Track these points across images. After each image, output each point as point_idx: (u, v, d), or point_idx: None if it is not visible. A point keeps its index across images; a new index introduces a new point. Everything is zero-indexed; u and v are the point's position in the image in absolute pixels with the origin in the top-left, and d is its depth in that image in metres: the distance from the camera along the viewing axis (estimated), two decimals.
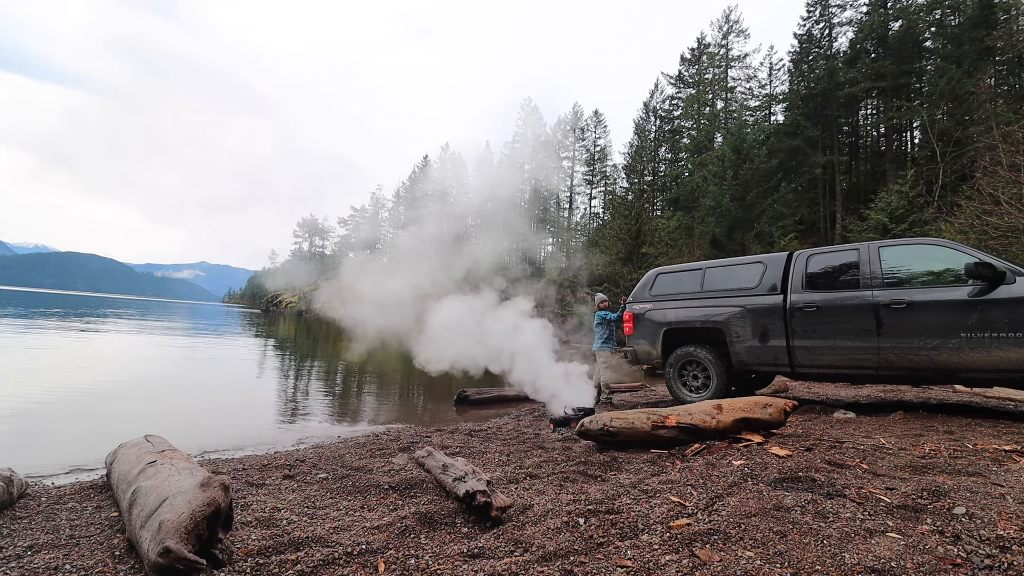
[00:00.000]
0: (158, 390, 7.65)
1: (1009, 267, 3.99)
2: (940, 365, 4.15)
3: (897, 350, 4.31)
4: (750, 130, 29.57)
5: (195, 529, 1.72)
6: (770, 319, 5.01)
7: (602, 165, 52.00)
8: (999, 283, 3.94)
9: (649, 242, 30.66)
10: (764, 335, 5.03)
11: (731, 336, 5.23)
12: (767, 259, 5.36)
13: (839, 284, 4.75)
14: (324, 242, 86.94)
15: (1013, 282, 3.90)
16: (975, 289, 4.02)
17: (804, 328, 4.79)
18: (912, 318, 4.25)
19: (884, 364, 4.41)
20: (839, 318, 4.62)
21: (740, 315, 5.20)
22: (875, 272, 4.54)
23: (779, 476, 2.43)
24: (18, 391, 6.51)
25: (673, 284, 5.96)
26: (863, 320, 4.48)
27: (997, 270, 3.94)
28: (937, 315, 4.15)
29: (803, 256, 5.11)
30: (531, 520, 2.17)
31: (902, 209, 19.54)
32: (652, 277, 6.22)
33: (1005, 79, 25.70)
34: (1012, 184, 12.38)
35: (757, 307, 5.11)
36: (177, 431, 4.65)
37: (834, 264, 4.87)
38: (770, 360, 5.03)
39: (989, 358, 3.92)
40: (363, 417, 6.40)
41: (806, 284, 4.92)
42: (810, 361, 4.80)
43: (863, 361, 4.51)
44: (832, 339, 4.65)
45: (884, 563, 1.50)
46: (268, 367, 11.69)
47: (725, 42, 38.75)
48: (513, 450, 3.91)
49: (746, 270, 5.43)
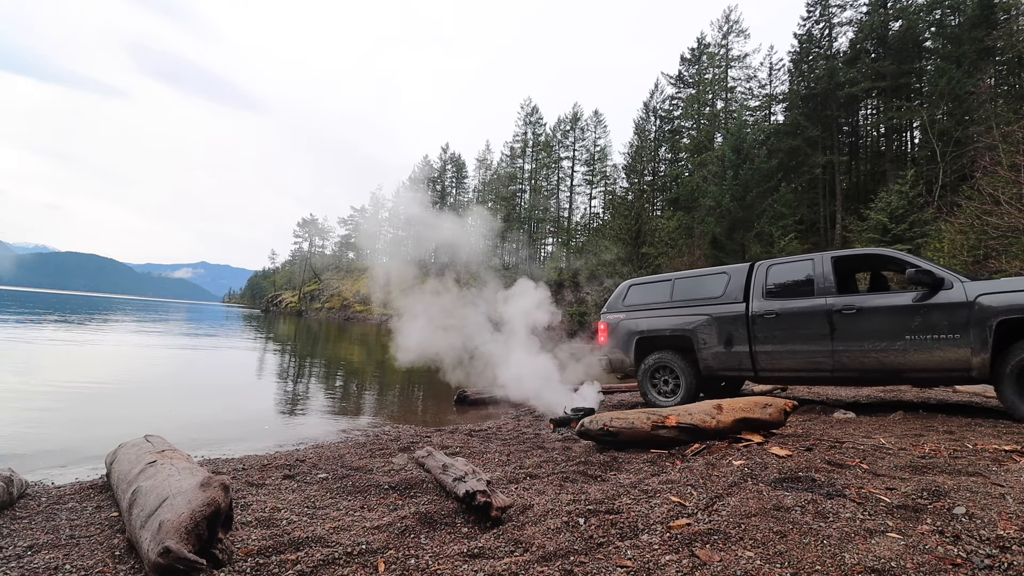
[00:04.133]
0: (158, 390, 7.64)
1: (948, 274, 4.26)
2: (888, 366, 4.40)
3: (849, 353, 4.56)
4: (750, 130, 29.58)
5: (195, 529, 1.72)
6: (734, 326, 5.27)
7: (602, 165, 51.99)
8: (938, 289, 4.21)
9: (649, 242, 30.67)
10: (729, 341, 5.29)
11: (699, 343, 5.48)
12: (731, 270, 5.62)
13: (796, 292, 5.03)
14: (324, 242, 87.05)
15: (951, 287, 4.17)
16: (917, 295, 4.30)
17: (765, 334, 5.07)
18: (862, 323, 4.52)
19: (838, 366, 4.66)
20: (796, 324, 4.90)
21: (707, 323, 5.46)
22: (828, 280, 4.82)
23: (779, 476, 2.43)
24: (18, 391, 6.51)
25: (644, 295, 6.22)
26: (818, 325, 4.75)
27: (936, 277, 4.22)
28: (884, 319, 4.42)
29: (763, 266, 5.36)
30: (531, 520, 2.17)
31: (902, 209, 19.54)
32: (625, 288, 6.48)
33: (1005, 79, 25.70)
34: (1012, 184, 12.38)
35: (722, 315, 5.37)
36: (177, 431, 4.65)
37: (791, 274, 5.16)
38: (735, 365, 5.28)
39: (931, 358, 4.19)
40: (363, 417, 6.40)
41: (766, 293, 5.19)
42: (771, 365, 5.06)
43: (819, 364, 4.76)
44: (791, 344, 4.92)
45: (884, 563, 1.50)
46: (268, 367, 11.69)
47: (725, 42, 38.75)
48: (513, 450, 3.91)
49: (712, 280, 5.69)
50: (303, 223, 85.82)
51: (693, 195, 32.30)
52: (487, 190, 61.04)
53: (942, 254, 14.97)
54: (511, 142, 58.33)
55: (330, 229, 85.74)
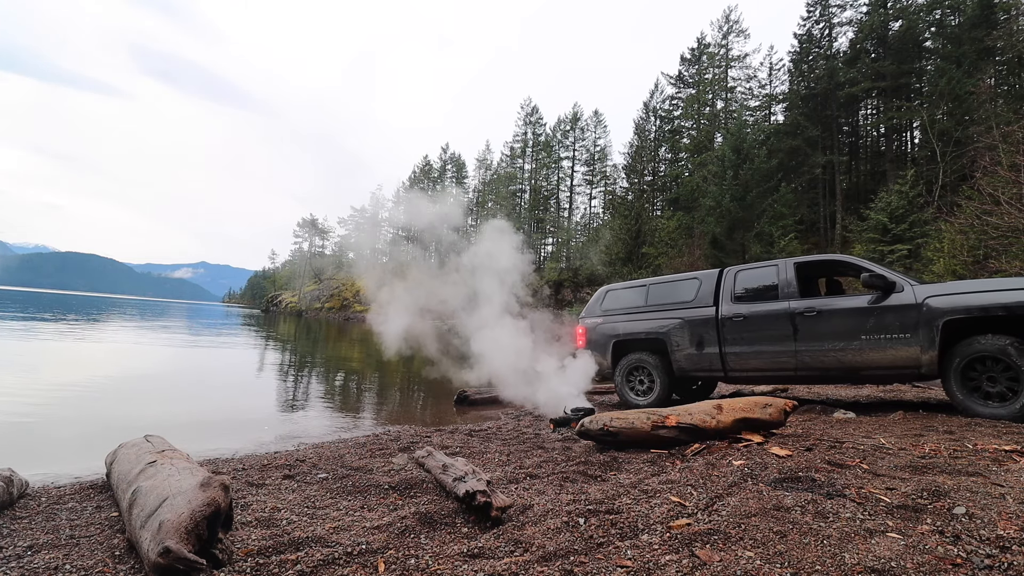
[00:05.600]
0: (158, 390, 7.64)
1: (899, 278, 4.53)
2: (846, 364, 4.66)
3: (811, 353, 4.83)
4: (750, 130, 29.58)
5: (195, 529, 1.72)
6: (705, 329, 5.53)
7: (602, 165, 52.00)
8: (891, 292, 4.48)
9: (649, 242, 30.66)
10: (700, 343, 5.54)
11: (672, 345, 5.73)
12: (702, 275, 5.90)
13: (762, 296, 5.30)
14: (324, 242, 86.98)
15: (903, 291, 4.44)
16: (872, 297, 4.56)
17: (734, 336, 5.33)
18: (822, 324, 4.79)
19: (801, 366, 4.92)
20: (762, 326, 5.16)
21: (679, 326, 5.72)
22: (791, 284, 5.10)
23: (779, 476, 2.43)
24: (18, 391, 6.51)
25: (621, 300, 6.46)
26: (782, 327, 5.01)
27: (888, 280, 4.50)
28: (842, 321, 4.69)
29: (732, 272, 5.64)
30: (531, 520, 2.17)
31: (902, 209, 19.55)
32: (602, 294, 6.73)
33: (1005, 79, 25.70)
34: (1012, 184, 12.38)
35: (694, 319, 5.64)
36: (177, 431, 4.65)
37: (757, 279, 5.43)
38: (706, 366, 5.53)
39: (885, 357, 4.46)
40: (363, 417, 6.40)
41: (735, 297, 5.46)
42: (740, 365, 5.32)
43: (783, 364, 5.03)
44: (757, 345, 5.18)
45: (884, 563, 1.50)
46: (268, 367, 11.69)
47: (725, 42, 38.76)
48: (513, 450, 3.91)
49: (684, 286, 5.95)
50: (303, 223, 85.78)
51: (693, 195, 32.31)
52: (487, 190, 61.06)
53: (942, 254, 14.96)
54: (511, 142, 58.38)
55: (330, 229, 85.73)
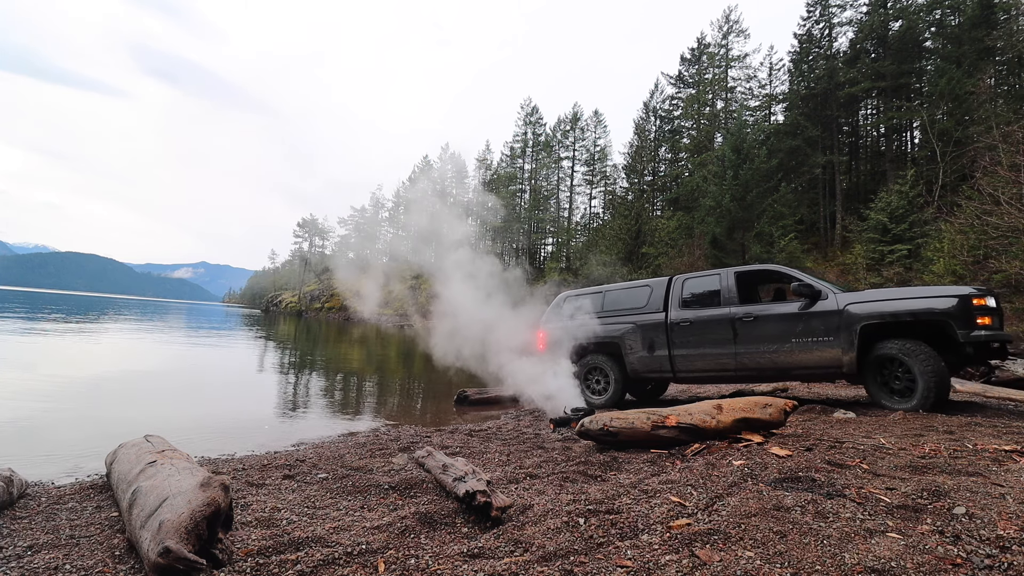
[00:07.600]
0: (158, 390, 7.65)
1: (825, 286, 4.95)
2: (779, 365, 5.08)
3: (748, 354, 5.24)
4: (750, 130, 29.55)
5: (195, 529, 1.72)
6: (655, 333, 5.91)
7: (602, 165, 51.96)
8: (817, 299, 4.91)
9: (649, 242, 30.66)
10: (651, 346, 5.92)
11: (625, 348, 6.11)
12: (653, 283, 6.28)
13: (706, 303, 5.70)
14: (324, 242, 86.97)
15: (827, 298, 4.86)
16: (801, 304, 4.99)
17: (681, 339, 5.72)
18: (758, 328, 5.21)
19: (739, 366, 5.32)
20: (706, 330, 5.55)
21: (632, 330, 6.10)
22: (732, 292, 5.51)
23: (779, 476, 2.43)
24: (18, 391, 6.51)
25: (579, 305, 6.77)
26: (723, 331, 5.41)
27: (814, 289, 4.92)
28: (775, 325, 5.10)
29: (680, 280, 6.05)
30: (531, 520, 2.17)
31: (902, 209, 19.56)
32: (561, 300, 7.09)
33: (1005, 79, 25.70)
34: (1012, 184, 12.38)
35: (645, 323, 6.02)
36: (177, 431, 4.65)
37: (702, 286, 5.83)
38: (657, 367, 5.90)
39: (812, 357, 4.88)
40: (363, 417, 6.40)
41: (682, 303, 5.86)
42: (686, 367, 5.70)
43: (724, 365, 5.41)
44: (702, 348, 5.57)
45: (884, 563, 1.50)
46: (268, 367, 11.69)
47: (725, 42, 38.74)
48: (513, 450, 3.91)
49: (637, 292, 6.32)
50: (303, 223, 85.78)
51: (693, 195, 32.30)
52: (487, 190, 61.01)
53: (942, 254, 14.97)
54: (511, 142, 58.31)
55: (330, 229, 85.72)
